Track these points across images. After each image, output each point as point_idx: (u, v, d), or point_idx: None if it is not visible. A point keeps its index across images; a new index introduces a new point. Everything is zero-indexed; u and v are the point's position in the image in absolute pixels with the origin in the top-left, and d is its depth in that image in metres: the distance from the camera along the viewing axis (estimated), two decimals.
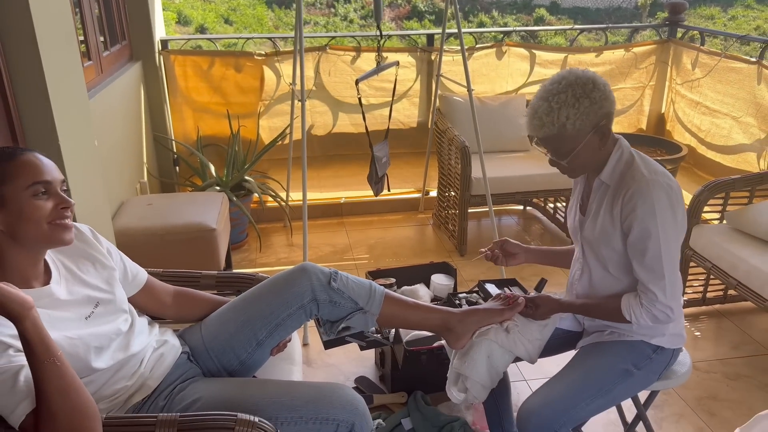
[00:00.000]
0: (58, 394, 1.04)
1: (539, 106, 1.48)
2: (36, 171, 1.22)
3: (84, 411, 1.07)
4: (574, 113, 1.44)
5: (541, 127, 1.49)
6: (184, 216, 2.63)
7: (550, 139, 1.51)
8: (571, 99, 1.44)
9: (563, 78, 1.48)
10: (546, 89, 1.49)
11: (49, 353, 1.05)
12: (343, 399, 1.41)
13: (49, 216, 1.23)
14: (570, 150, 1.50)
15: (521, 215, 4.06)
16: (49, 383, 1.05)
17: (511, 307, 1.65)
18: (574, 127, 1.46)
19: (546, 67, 3.99)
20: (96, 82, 2.71)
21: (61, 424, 1.05)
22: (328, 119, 3.88)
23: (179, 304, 1.63)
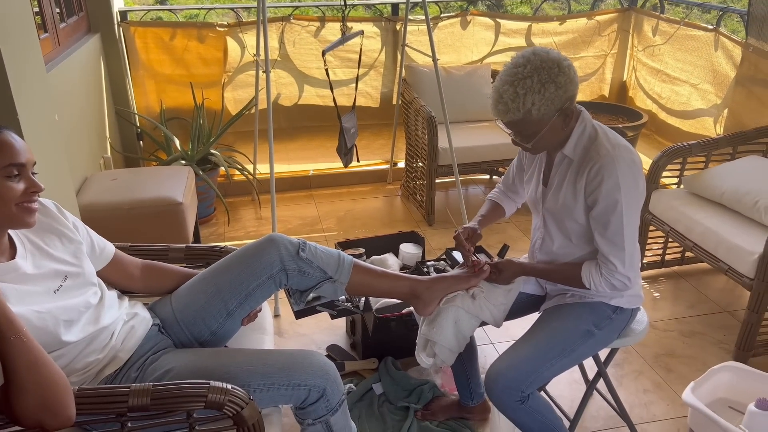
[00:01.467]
0: (27, 368, 1.05)
1: (504, 90, 1.47)
2: (11, 152, 1.21)
3: (54, 384, 1.08)
4: (540, 99, 1.45)
5: (506, 113, 1.49)
6: (150, 190, 2.60)
7: (514, 123, 1.52)
8: (536, 85, 1.44)
9: (528, 61, 1.47)
10: (511, 72, 1.48)
11: (14, 329, 1.05)
12: (314, 365, 1.44)
13: (18, 198, 1.23)
14: (534, 133, 1.52)
15: (487, 184, 4.12)
16: (16, 359, 1.05)
17: (477, 273, 1.70)
18: (539, 112, 1.46)
19: (510, 36, 4.01)
20: (53, 55, 2.64)
21: (32, 397, 1.05)
22: (293, 90, 3.85)
23: (148, 277, 1.63)
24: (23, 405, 1.05)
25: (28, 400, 1.05)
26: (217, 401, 1.22)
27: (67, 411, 1.09)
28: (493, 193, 1.94)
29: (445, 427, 2.02)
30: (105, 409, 1.19)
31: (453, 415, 2.06)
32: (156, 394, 1.20)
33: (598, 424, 2.07)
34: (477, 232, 1.79)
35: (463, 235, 1.76)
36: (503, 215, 1.91)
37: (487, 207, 1.92)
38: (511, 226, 3.42)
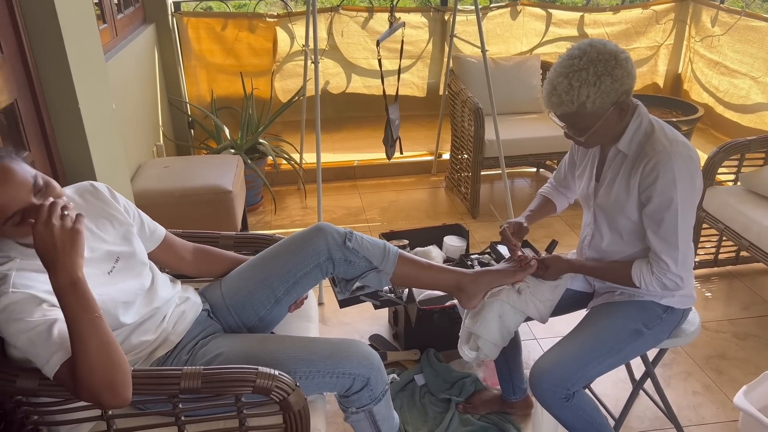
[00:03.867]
0: (98, 349, 1.09)
1: (559, 82, 1.44)
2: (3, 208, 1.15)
3: (119, 365, 1.12)
4: (595, 92, 1.41)
5: (560, 105, 1.46)
6: (201, 178, 2.66)
7: (567, 116, 1.49)
8: (592, 77, 1.41)
9: (584, 53, 1.43)
10: (566, 63, 1.44)
11: (92, 309, 1.10)
12: (359, 354, 1.46)
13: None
14: (588, 127, 1.49)
15: (534, 177, 4.06)
16: (90, 338, 1.09)
17: (523, 268, 1.68)
18: (593, 105, 1.43)
19: (561, 26, 3.93)
20: (111, 46, 2.72)
21: (99, 376, 1.10)
22: (341, 80, 3.87)
23: (199, 260, 1.67)
24: (89, 383, 1.10)
25: (95, 378, 1.09)
26: (265, 386, 1.25)
27: (126, 391, 1.14)
28: (545, 188, 1.91)
29: (487, 421, 2.01)
30: (158, 390, 1.24)
31: (495, 410, 2.05)
32: (207, 378, 1.24)
33: (644, 424, 2.03)
34: (523, 227, 1.77)
35: (509, 229, 1.74)
36: (554, 211, 1.88)
37: (537, 202, 1.89)
38: (557, 221, 3.36)
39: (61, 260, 1.09)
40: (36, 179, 1.20)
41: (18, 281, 1.18)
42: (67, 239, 1.10)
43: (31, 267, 1.21)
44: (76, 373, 1.10)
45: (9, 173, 1.16)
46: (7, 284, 1.17)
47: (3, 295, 1.14)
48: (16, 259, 1.22)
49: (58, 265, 1.09)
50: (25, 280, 1.19)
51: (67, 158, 1.80)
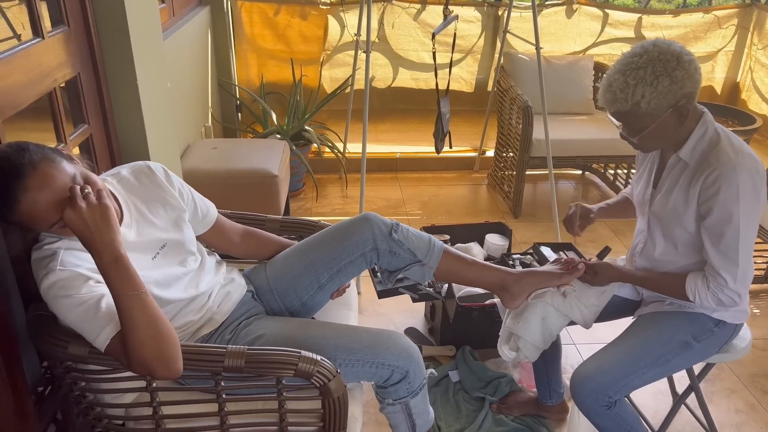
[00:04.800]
0: (146, 323, 1.11)
1: (615, 79, 1.41)
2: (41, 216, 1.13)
3: (168, 338, 1.15)
4: (651, 92, 1.37)
5: (614, 102, 1.43)
6: (247, 161, 2.69)
7: (621, 115, 1.45)
8: (649, 77, 1.37)
9: (646, 51, 1.39)
10: (625, 61, 1.41)
11: (136, 285, 1.12)
12: (399, 346, 1.45)
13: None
14: (642, 128, 1.44)
15: (579, 180, 3.99)
16: (137, 313, 1.11)
17: (571, 271, 1.65)
18: (648, 105, 1.39)
19: (617, 28, 3.84)
20: (168, 25, 2.76)
21: (149, 350, 1.12)
22: (388, 72, 3.86)
23: (247, 243, 1.69)
24: (140, 356, 1.12)
25: (146, 351, 1.12)
26: (307, 371, 1.25)
27: (177, 363, 1.16)
28: (627, 189, 1.88)
29: (521, 423, 1.99)
30: (202, 366, 1.25)
31: (529, 412, 2.03)
32: (250, 358, 1.25)
33: None
34: (590, 215, 1.75)
35: (578, 210, 1.73)
36: (633, 214, 1.79)
37: (616, 199, 1.85)
38: (602, 226, 3.29)
39: (98, 239, 1.11)
40: (75, 179, 1.16)
41: (66, 259, 1.20)
42: (98, 216, 1.11)
43: (78, 246, 1.22)
44: (126, 347, 1.12)
45: (49, 179, 1.12)
46: (55, 261, 1.19)
47: (51, 273, 1.17)
48: (65, 238, 1.24)
49: (97, 244, 1.11)
50: (72, 258, 1.21)
51: (123, 133, 1.84)
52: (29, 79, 1.36)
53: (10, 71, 1.28)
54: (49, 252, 1.21)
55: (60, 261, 1.19)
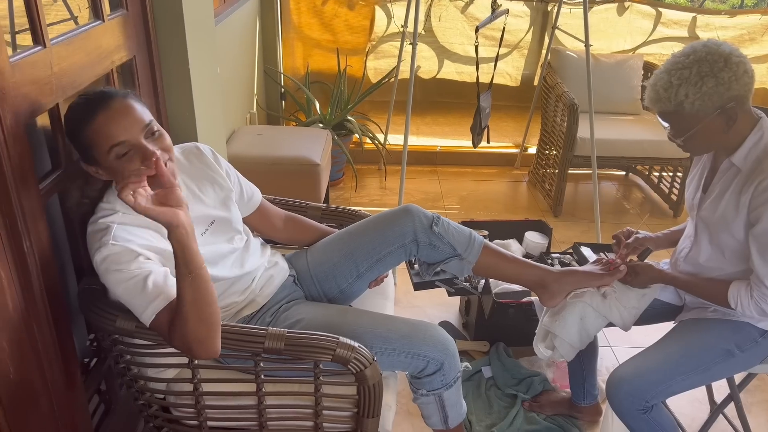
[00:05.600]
0: (192, 303, 1.14)
1: (660, 78, 1.40)
2: (110, 133, 1.17)
3: (210, 321, 1.17)
4: (695, 92, 1.34)
5: (657, 101, 1.41)
6: (291, 149, 2.73)
7: (666, 115, 1.44)
8: (694, 77, 1.34)
9: (694, 51, 1.37)
10: (672, 61, 1.40)
11: (188, 269, 1.13)
12: (435, 338, 1.46)
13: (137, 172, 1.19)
14: (686, 129, 1.42)
15: (622, 182, 3.91)
16: (186, 293, 1.14)
17: (612, 272, 1.63)
18: (692, 107, 1.36)
19: (670, 27, 3.74)
20: (219, 11, 2.80)
21: (190, 329, 1.15)
22: (432, 65, 3.85)
23: (289, 228, 1.72)
24: (181, 332, 1.15)
25: (187, 330, 1.15)
26: (344, 356, 1.27)
27: (214, 346, 1.19)
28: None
29: (552, 422, 1.98)
30: (243, 346, 1.28)
31: (562, 412, 2.01)
32: (289, 341, 1.28)
33: None
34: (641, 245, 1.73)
35: (624, 235, 1.73)
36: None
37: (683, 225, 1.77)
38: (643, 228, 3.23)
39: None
40: (151, 124, 1.22)
41: (119, 234, 1.23)
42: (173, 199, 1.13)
43: (132, 221, 1.26)
44: (173, 322, 1.16)
45: (128, 109, 1.20)
46: (108, 236, 1.22)
47: (104, 246, 1.20)
48: (119, 212, 1.28)
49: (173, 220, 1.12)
50: (125, 234, 1.24)
51: (174, 116, 1.88)
52: (89, 60, 1.40)
53: (72, 52, 1.32)
54: (103, 226, 1.24)
55: (113, 236, 1.22)
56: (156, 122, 1.25)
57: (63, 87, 1.29)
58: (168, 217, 1.10)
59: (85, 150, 1.21)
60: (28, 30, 1.20)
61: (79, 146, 1.22)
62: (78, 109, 1.20)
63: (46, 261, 1.21)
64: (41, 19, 1.20)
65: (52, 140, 1.30)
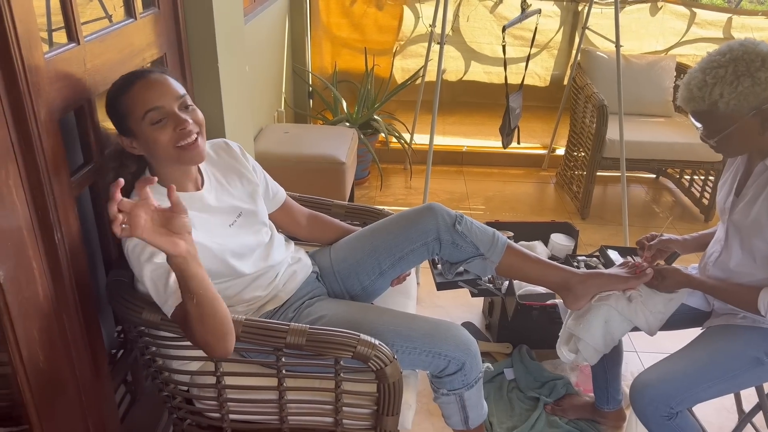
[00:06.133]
0: (196, 318, 1.15)
1: (694, 77, 1.38)
2: (145, 99, 1.23)
3: (214, 331, 1.17)
4: (730, 91, 1.32)
5: (690, 101, 1.39)
6: (317, 147, 2.74)
7: (699, 115, 1.41)
8: (730, 76, 1.32)
9: (730, 50, 1.35)
10: (707, 59, 1.37)
11: (190, 292, 1.11)
12: (457, 338, 1.45)
13: (171, 140, 1.25)
14: (720, 130, 1.39)
15: (651, 185, 3.85)
16: (189, 309, 1.14)
17: (638, 276, 1.60)
18: (727, 106, 1.33)
19: (704, 28, 3.67)
20: (249, 10, 2.83)
21: (198, 336, 1.17)
22: (460, 65, 3.83)
23: (312, 226, 1.73)
24: (191, 335, 1.18)
25: (195, 336, 1.17)
26: (364, 354, 1.28)
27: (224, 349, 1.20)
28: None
29: (575, 426, 1.96)
30: (265, 341, 1.30)
31: (585, 416, 1.99)
32: (311, 336, 1.29)
33: None
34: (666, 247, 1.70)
35: (647, 240, 1.71)
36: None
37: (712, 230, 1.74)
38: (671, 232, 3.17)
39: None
40: (185, 97, 1.28)
41: None
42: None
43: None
44: (184, 326, 1.18)
45: (164, 80, 1.28)
46: None
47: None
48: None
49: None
50: None
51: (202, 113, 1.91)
52: (121, 57, 1.43)
53: (104, 50, 1.36)
54: None
55: None
56: (189, 97, 1.30)
57: (95, 83, 1.32)
58: (166, 246, 1.03)
59: (121, 119, 1.26)
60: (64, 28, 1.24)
61: (116, 117, 1.27)
62: (119, 81, 1.28)
63: (75, 252, 1.24)
64: (76, 17, 1.23)
65: (85, 135, 1.33)
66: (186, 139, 1.26)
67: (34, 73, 1.07)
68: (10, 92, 1.02)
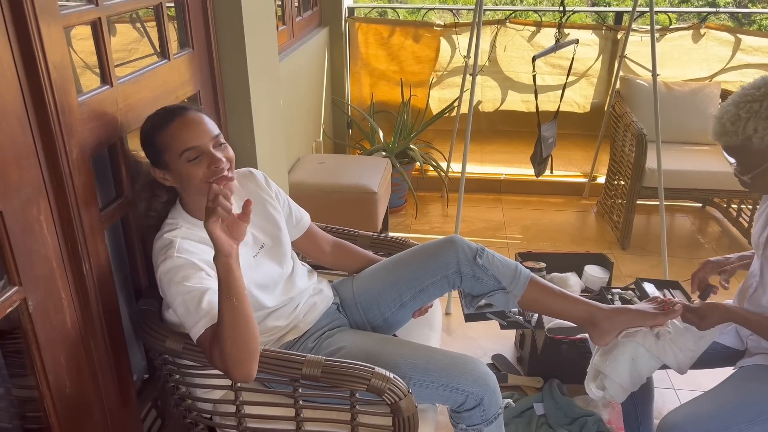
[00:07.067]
0: (228, 325, 1.19)
1: (727, 110, 1.35)
2: (184, 138, 1.30)
3: (245, 345, 1.20)
4: (765, 127, 1.29)
5: (723, 135, 1.36)
6: (350, 177, 2.79)
7: (732, 149, 1.38)
8: (765, 111, 1.29)
9: (765, 83, 1.32)
10: (742, 93, 1.35)
11: (229, 293, 1.18)
12: (475, 373, 1.45)
13: (204, 176, 1.31)
14: (754, 165, 1.36)
15: (698, 214, 3.73)
16: (224, 314, 1.19)
17: (666, 312, 1.56)
18: (762, 142, 1.30)
19: (750, 54, 3.57)
20: (287, 46, 2.94)
21: (227, 349, 1.20)
22: (497, 94, 3.84)
23: (336, 254, 1.76)
24: (219, 352, 1.20)
25: (224, 350, 1.19)
26: (378, 387, 1.29)
27: (249, 369, 1.23)
28: None
29: None
30: (282, 372, 1.32)
31: None
32: (326, 369, 1.31)
33: None
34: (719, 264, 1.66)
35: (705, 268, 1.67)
36: None
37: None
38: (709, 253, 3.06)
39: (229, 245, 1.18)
40: (219, 136, 1.36)
41: (183, 246, 1.31)
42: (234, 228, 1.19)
43: (195, 237, 1.35)
44: (213, 340, 1.21)
45: (201, 119, 1.35)
46: (173, 249, 1.30)
47: (168, 259, 1.28)
48: (183, 227, 1.37)
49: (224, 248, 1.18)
50: (189, 246, 1.32)
51: (234, 146, 1.96)
52: (154, 96, 1.51)
53: (138, 90, 1.44)
54: (167, 240, 1.33)
55: (177, 248, 1.30)
56: (222, 135, 1.37)
57: (128, 121, 1.40)
58: (226, 245, 1.16)
59: (157, 154, 1.33)
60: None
61: (152, 151, 1.34)
62: (156, 117, 1.35)
63: (104, 282, 1.30)
64: (109, 60, 1.31)
65: (117, 170, 1.41)
66: (217, 176, 1.32)
67: (66, 115, 1.14)
68: (43, 134, 1.10)
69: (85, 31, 1.29)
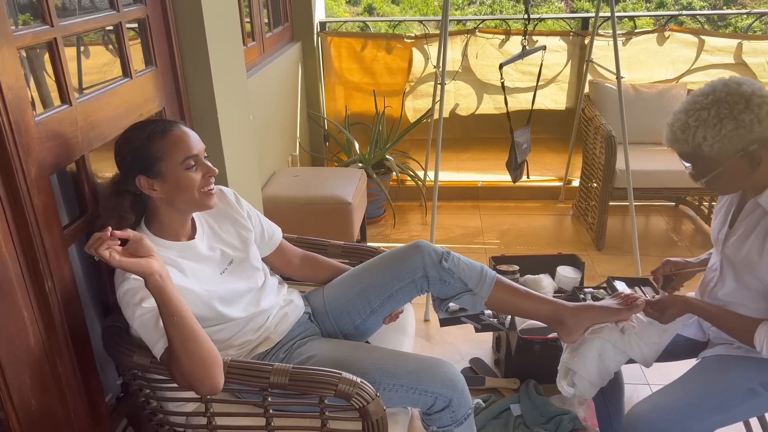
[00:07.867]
0: (179, 343, 1.21)
1: (677, 118, 1.38)
2: (186, 146, 1.36)
3: (200, 358, 1.22)
4: (713, 135, 1.31)
5: (675, 142, 1.39)
6: (324, 189, 2.81)
7: (684, 156, 1.41)
8: (712, 119, 1.31)
9: (713, 91, 1.34)
10: (691, 100, 1.38)
11: (169, 312, 1.20)
12: (443, 375, 1.46)
13: (199, 185, 1.38)
14: (707, 171, 1.39)
15: (671, 213, 3.79)
16: (170, 334, 1.21)
17: (629, 307, 1.59)
18: (711, 149, 1.33)
19: (714, 54, 3.65)
20: (258, 61, 2.97)
21: (183, 366, 1.22)
22: (472, 102, 3.89)
23: (306, 266, 1.78)
24: (176, 371, 1.23)
25: (180, 368, 1.22)
26: (346, 392, 1.30)
27: (211, 381, 1.24)
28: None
29: None
30: (250, 381, 1.34)
31: None
32: (293, 376, 1.32)
33: None
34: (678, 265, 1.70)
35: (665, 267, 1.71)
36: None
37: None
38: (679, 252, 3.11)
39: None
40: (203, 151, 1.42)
41: None
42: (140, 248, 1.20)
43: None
44: (170, 360, 1.23)
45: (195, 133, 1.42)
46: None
47: (126, 281, 1.30)
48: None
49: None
50: None
51: None
52: (116, 114, 1.53)
53: (98, 108, 1.45)
54: None
55: None
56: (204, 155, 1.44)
57: (90, 139, 1.41)
58: (142, 267, 1.16)
59: (151, 162, 1.34)
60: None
61: (142, 160, 1.34)
62: (148, 127, 1.37)
63: (69, 300, 1.31)
64: (67, 81, 1.33)
65: (80, 188, 1.42)
66: (210, 186, 1.39)
67: (23, 134, 1.16)
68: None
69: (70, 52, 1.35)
